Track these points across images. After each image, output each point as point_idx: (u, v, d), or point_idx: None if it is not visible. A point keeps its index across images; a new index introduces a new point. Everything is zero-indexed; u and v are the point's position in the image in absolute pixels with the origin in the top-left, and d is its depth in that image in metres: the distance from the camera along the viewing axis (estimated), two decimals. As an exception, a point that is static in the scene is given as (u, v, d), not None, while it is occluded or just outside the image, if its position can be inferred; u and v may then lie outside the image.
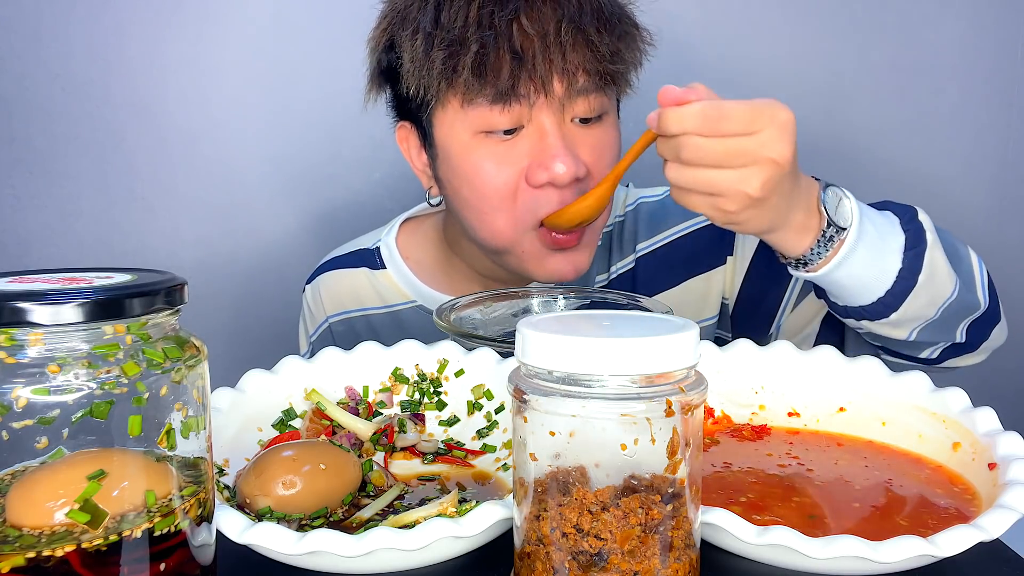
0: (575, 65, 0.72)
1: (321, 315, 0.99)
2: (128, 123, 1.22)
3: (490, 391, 0.65)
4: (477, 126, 0.74)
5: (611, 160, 0.78)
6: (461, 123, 0.75)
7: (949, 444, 0.57)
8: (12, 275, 0.40)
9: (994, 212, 1.31)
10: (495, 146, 0.75)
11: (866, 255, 0.64)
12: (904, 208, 0.70)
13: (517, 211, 0.76)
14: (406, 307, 0.95)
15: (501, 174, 0.75)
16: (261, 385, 0.64)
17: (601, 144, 0.77)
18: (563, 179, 0.73)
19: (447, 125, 0.76)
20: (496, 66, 0.71)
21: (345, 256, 0.99)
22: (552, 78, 0.72)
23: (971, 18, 1.24)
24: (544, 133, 0.74)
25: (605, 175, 0.76)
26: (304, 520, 0.52)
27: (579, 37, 0.72)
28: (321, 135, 1.25)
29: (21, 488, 0.37)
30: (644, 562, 0.38)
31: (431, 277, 0.95)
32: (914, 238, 0.67)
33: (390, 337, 0.93)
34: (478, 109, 0.73)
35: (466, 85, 0.71)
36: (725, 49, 1.24)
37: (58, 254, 1.25)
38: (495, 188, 0.75)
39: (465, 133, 0.75)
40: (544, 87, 0.72)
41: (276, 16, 1.21)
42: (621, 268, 0.93)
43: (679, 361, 0.38)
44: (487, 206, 0.77)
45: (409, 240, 0.97)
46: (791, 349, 0.66)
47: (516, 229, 0.77)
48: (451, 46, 0.71)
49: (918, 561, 0.43)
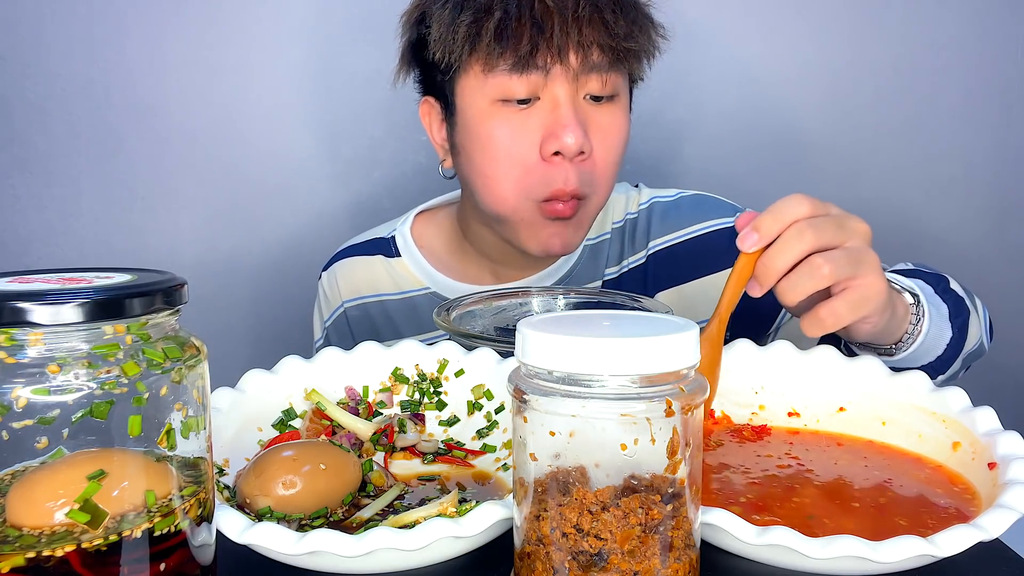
0: (590, 40, 0.77)
1: (337, 300, 1.02)
2: (128, 123, 1.22)
3: (490, 391, 0.65)
4: (496, 94, 0.79)
5: (616, 143, 0.83)
6: (481, 90, 0.79)
7: (949, 444, 0.57)
8: (12, 275, 0.40)
9: (994, 212, 1.31)
10: (511, 115, 0.79)
11: (934, 324, 0.66)
12: (936, 277, 0.73)
13: (525, 182, 0.80)
14: (420, 293, 0.98)
15: (515, 143, 0.80)
16: (261, 385, 0.64)
17: (609, 124, 0.81)
18: (571, 149, 0.78)
19: (468, 92, 0.81)
20: (517, 33, 0.75)
21: (361, 244, 1.03)
22: (568, 49, 0.76)
23: (971, 18, 1.24)
24: (557, 104, 0.78)
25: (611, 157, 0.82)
26: (304, 520, 0.52)
27: (595, 14, 0.77)
28: (321, 135, 1.25)
29: (21, 488, 0.37)
30: (644, 562, 0.38)
31: (444, 265, 0.98)
32: (955, 307, 0.70)
33: (404, 322, 0.98)
34: (498, 77, 0.78)
35: (488, 50, 0.76)
36: (725, 49, 1.24)
37: (58, 254, 1.25)
38: (507, 155, 0.80)
39: (484, 100, 0.80)
40: (560, 57, 0.76)
41: (276, 16, 1.21)
42: (633, 263, 0.95)
43: (679, 361, 0.38)
44: (497, 171, 0.81)
45: (424, 230, 1.01)
46: (791, 349, 0.66)
47: (519, 197, 0.81)
48: (476, 13, 0.76)
49: (918, 561, 0.43)
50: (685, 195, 0.98)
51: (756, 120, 1.26)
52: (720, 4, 1.23)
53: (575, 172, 0.79)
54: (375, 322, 0.99)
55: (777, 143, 1.27)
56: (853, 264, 0.55)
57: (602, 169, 0.82)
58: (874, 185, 1.28)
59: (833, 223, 0.56)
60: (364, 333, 1.00)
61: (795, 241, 0.55)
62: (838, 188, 1.28)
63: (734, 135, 1.26)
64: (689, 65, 1.24)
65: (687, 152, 1.27)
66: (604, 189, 0.84)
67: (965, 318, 0.71)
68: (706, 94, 1.25)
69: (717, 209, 0.95)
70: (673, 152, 1.27)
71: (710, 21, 1.23)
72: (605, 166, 0.82)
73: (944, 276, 0.75)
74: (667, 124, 1.26)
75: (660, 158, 1.26)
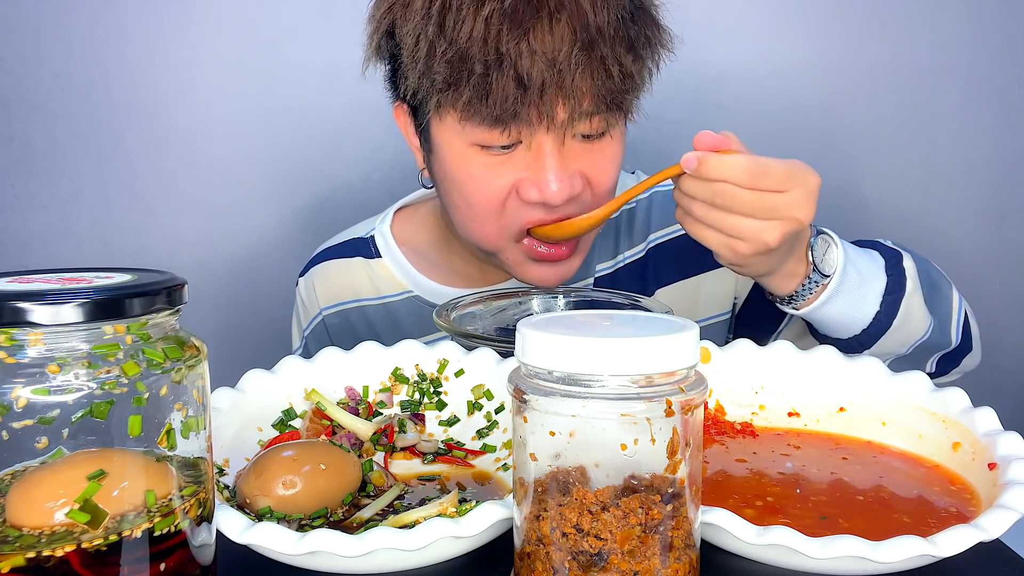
0: (582, 92, 0.68)
1: (315, 308, 0.97)
2: (128, 123, 1.22)
3: (490, 391, 0.65)
4: (474, 139, 0.72)
5: (613, 172, 0.77)
6: (458, 133, 0.72)
7: (949, 444, 0.57)
8: (12, 275, 0.40)
9: (994, 212, 1.31)
10: (490, 158, 0.73)
11: (846, 299, 0.70)
12: (892, 251, 0.75)
13: (504, 220, 0.75)
14: (401, 298, 0.94)
15: (493, 185, 0.73)
16: (261, 385, 0.64)
17: (603, 159, 0.75)
18: (556, 199, 0.71)
19: (444, 131, 0.74)
20: (498, 93, 0.67)
21: (338, 246, 0.98)
22: (557, 105, 0.68)
23: (971, 18, 1.24)
24: (541, 152, 0.71)
25: (607, 186, 0.76)
26: (304, 520, 0.52)
27: (591, 62, 0.67)
28: (321, 135, 1.25)
29: (21, 488, 0.37)
30: (644, 562, 0.38)
31: (428, 264, 0.94)
32: (895, 284, 0.72)
33: (385, 330, 0.94)
34: (477, 128, 0.70)
35: (465, 107, 0.69)
36: (725, 49, 1.24)
37: (58, 254, 1.25)
38: (485, 198, 0.74)
39: (461, 143, 0.73)
40: (547, 115, 0.68)
41: (276, 16, 1.21)
42: (631, 256, 0.92)
43: (679, 361, 0.38)
44: (475, 213, 0.76)
45: (404, 227, 0.96)
46: (791, 349, 0.66)
47: (501, 237, 0.77)
48: (452, 62, 0.67)
49: (918, 561, 0.43)
50: None
51: (756, 120, 1.26)
52: (720, 4, 1.23)
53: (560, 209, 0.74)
54: (356, 329, 0.95)
55: (776, 143, 1.27)
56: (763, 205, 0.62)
57: (598, 198, 0.76)
58: (874, 184, 1.28)
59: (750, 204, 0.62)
60: (344, 341, 0.94)
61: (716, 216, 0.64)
62: (838, 187, 1.28)
63: (734, 135, 1.26)
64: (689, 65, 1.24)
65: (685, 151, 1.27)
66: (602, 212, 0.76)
67: (899, 296, 0.71)
68: (705, 94, 1.25)
69: None
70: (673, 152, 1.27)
71: (710, 22, 1.23)
72: (601, 194, 0.76)
73: (900, 252, 0.74)
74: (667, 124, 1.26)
75: (660, 158, 1.26)
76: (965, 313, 0.80)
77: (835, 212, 1.27)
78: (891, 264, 0.73)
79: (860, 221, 1.28)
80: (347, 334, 0.95)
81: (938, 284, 0.77)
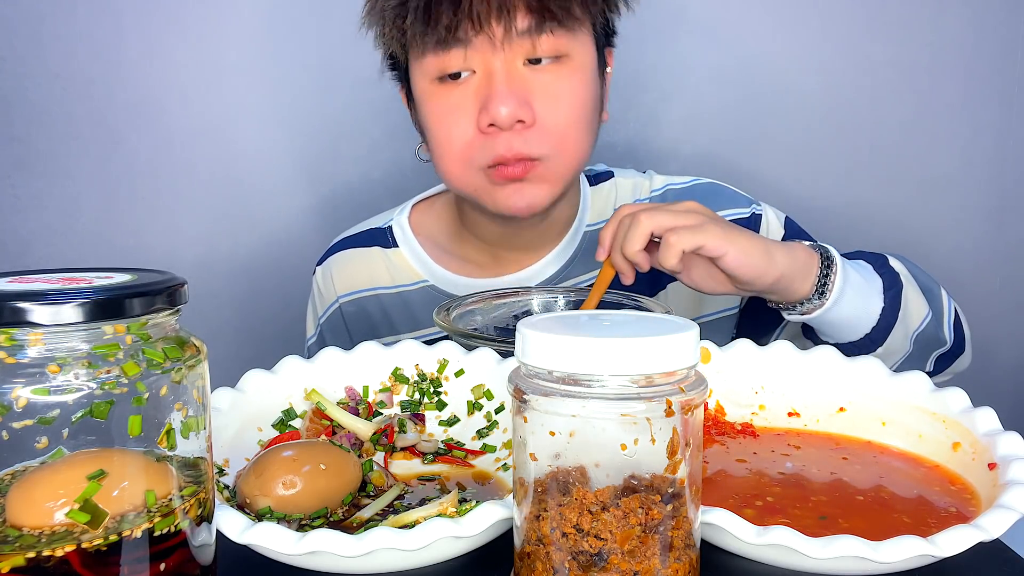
0: (512, 4, 0.73)
1: (331, 296, 1.00)
2: (128, 123, 1.22)
3: (490, 391, 0.65)
4: (432, 72, 0.78)
5: (568, 105, 0.78)
6: (421, 71, 0.79)
7: (949, 444, 0.57)
8: (12, 275, 0.40)
9: (994, 212, 1.31)
10: (448, 92, 0.78)
11: (854, 297, 0.72)
12: (875, 256, 0.79)
13: (467, 154, 0.79)
14: (415, 288, 0.97)
15: (453, 119, 0.78)
16: (261, 385, 0.64)
17: (556, 88, 0.77)
18: (505, 121, 0.75)
19: (416, 76, 0.81)
20: (437, 13, 0.73)
21: (357, 235, 1.01)
22: (490, 17, 0.73)
23: (971, 18, 1.24)
24: (491, 76, 0.76)
25: (558, 122, 0.78)
26: (304, 520, 0.52)
27: None
28: (321, 135, 1.25)
29: (21, 488, 0.37)
30: (644, 562, 0.38)
31: (443, 254, 0.97)
32: (890, 280, 0.75)
33: (400, 318, 0.97)
34: (428, 56, 0.77)
35: (413, 32, 0.75)
36: (723, 48, 1.24)
37: (58, 254, 1.25)
38: (447, 132, 0.79)
39: (425, 81, 0.79)
40: (481, 26, 0.73)
41: (276, 16, 1.21)
42: None
43: (679, 361, 0.38)
44: (444, 151, 0.81)
45: (421, 218, 1.00)
46: (791, 349, 0.66)
47: (465, 169, 0.81)
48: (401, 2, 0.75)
49: (918, 561, 0.43)
50: (700, 183, 0.96)
51: (755, 119, 1.26)
52: (720, 4, 1.23)
53: (518, 139, 0.76)
54: (371, 317, 0.98)
55: (775, 143, 1.27)
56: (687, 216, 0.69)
57: (554, 132, 0.78)
58: (872, 184, 1.28)
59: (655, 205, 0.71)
60: (360, 329, 0.98)
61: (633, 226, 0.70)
62: (836, 187, 1.28)
63: (732, 134, 1.26)
64: (688, 64, 1.24)
65: (686, 152, 1.27)
66: (565, 150, 0.80)
67: (899, 289, 0.75)
68: (704, 94, 1.25)
69: (733, 200, 0.93)
70: (672, 151, 1.27)
71: (709, 20, 1.23)
72: (557, 129, 0.78)
73: (883, 255, 0.79)
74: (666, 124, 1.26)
75: (660, 157, 1.26)
76: (956, 312, 0.82)
77: (835, 213, 1.27)
78: (879, 265, 0.77)
79: (860, 221, 1.28)
80: (362, 322, 0.99)
81: (928, 285, 0.80)
